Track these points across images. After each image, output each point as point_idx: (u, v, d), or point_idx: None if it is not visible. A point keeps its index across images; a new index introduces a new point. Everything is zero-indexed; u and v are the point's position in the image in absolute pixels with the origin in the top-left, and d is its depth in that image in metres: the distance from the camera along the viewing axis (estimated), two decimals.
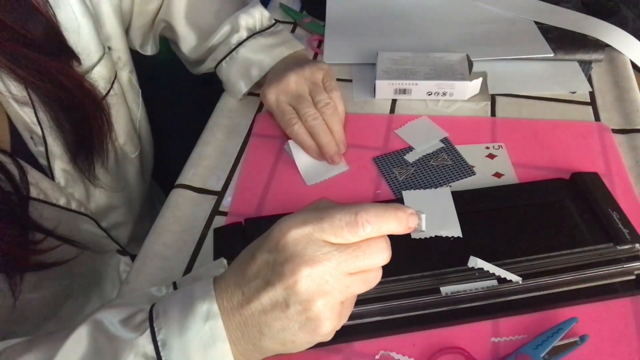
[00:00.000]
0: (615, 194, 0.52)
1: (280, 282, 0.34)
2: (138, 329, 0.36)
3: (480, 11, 0.79)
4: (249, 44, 0.64)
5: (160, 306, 0.37)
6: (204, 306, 0.36)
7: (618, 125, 0.62)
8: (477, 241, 0.49)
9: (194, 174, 0.59)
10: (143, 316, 0.37)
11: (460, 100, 0.65)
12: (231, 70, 0.65)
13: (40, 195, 0.49)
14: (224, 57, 0.65)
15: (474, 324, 0.44)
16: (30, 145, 0.50)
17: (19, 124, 0.49)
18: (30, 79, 0.46)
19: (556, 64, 0.70)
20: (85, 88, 0.51)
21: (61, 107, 0.50)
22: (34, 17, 0.46)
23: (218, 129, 0.64)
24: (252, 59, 0.64)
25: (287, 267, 0.34)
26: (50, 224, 0.48)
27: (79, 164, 0.54)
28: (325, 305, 0.35)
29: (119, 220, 0.64)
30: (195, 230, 0.53)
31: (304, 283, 0.34)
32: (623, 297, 0.45)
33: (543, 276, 0.46)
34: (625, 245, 0.47)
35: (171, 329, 0.35)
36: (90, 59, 0.54)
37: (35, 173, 0.49)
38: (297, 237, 0.34)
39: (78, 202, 0.55)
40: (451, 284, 0.45)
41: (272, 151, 0.60)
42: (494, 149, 0.59)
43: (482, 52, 0.70)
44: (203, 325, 0.35)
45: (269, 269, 0.35)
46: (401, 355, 0.43)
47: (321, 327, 0.35)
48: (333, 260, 0.34)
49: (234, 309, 0.36)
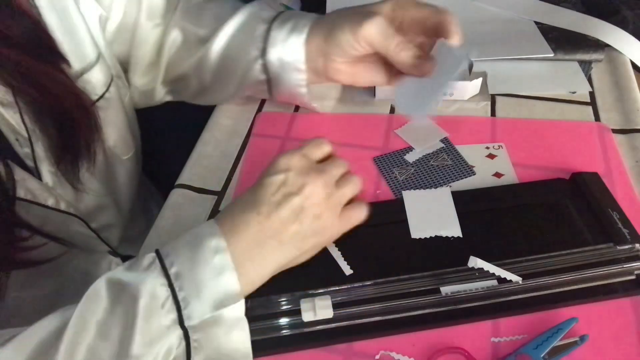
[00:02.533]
0: (615, 194, 0.52)
1: (300, 192, 0.43)
2: (148, 269, 0.40)
3: (480, 11, 0.79)
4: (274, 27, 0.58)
5: (168, 247, 0.42)
6: (212, 242, 0.41)
7: (618, 125, 0.62)
8: (477, 241, 0.49)
9: (194, 174, 0.59)
10: (150, 258, 0.41)
11: (460, 100, 0.65)
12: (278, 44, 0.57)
13: (27, 195, 0.49)
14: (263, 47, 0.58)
15: (474, 324, 0.44)
16: (16, 147, 0.49)
17: (3, 125, 0.48)
18: (13, 82, 0.46)
19: (556, 64, 0.70)
20: (73, 93, 0.50)
21: (46, 112, 0.49)
22: (18, 17, 0.45)
23: (218, 129, 0.64)
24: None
25: (302, 179, 0.43)
26: (37, 222, 0.48)
27: (62, 168, 0.53)
28: (328, 204, 0.44)
29: (109, 221, 0.64)
30: None
31: (317, 191, 0.43)
32: (623, 297, 0.45)
33: (543, 276, 0.46)
34: (625, 245, 0.47)
35: (182, 263, 0.40)
36: (83, 61, 0.53)
37: (22, 173, 0.49)
38: (300, 162, 0.45)
39: (67, 203, 0.54)
40: (451, 284, 0.45)
41: (272, 151, 0.60)
42: (494, 149, 0.59)
43: (482, 52, 0.70)
44: (212, 257, 0.40)
45: (286, 184, 0.43)
46: (401, 355, 0.43)
47: (327, 224, 0.45)
48: (326, 173, 0.45)
49: (248, 233, 0.42)
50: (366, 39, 0.52)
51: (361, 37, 0.52)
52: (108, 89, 0.57)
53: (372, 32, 0.51)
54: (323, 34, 0.55)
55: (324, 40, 0.55)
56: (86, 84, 0.54)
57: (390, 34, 0.52)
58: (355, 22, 0.52)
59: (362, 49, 0.53)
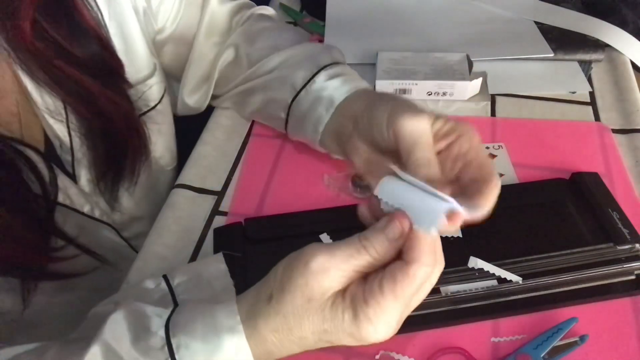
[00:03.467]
0: (615, 194, 0.52)
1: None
2: (155, 357, 0.34)
3: (480, 11, 0.79)
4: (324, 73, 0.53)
5: (181, 337, 0.35)
6: (233, 340, 0.34)
7: (618, 125, 0.62)
8: (477, 241, 0.49)
9: (194, 174, 0.59)
10: (158, 341, 0.35)
11: (460, 100, 0.65)
12: (306, 101, 0.53)
13: (66, 200, 0.49)
14: (302, 87, 0.53)
15: (474, 324, 0.44)
16: (58, 151, 0.50)
17: (50, 132, 0.49)
18: (68, 98, 0.46)
19: (556, 64, 0.70)
20: (127, 116, 0.50)
21: (97, 131, 0.49)
22: (87, 37, 0.46)
23: (218, 129, 0.64)
24: (328, 87, 0.51)
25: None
26: (72, 231, 0.47)
27: (102, 186, 0.53)
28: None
29: (142, 230, 0.63)
30: (195, 230, 0.53)
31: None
32: (623, 297, 0.45)
33: (543, 276, 0.46)
34: (625, 245, 0.47)
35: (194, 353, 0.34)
36: (140, 73, 0.54)
37: (63, 178, 0.49)
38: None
39: (102, 211, 0.54)
40: (451, 284, 0.45)
41: (272, 151, 0.60)
42: (494, 149, 0.59)
43: (482, 52, 0.70)
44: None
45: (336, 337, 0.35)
46: (401, 355, 0.43)
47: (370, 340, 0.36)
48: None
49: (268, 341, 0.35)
50: (400, 134, 0.39)
51: (396, 128, 0.40)
52: (161, 101, 0.58)
53: (408, 131, 0.39)
54: (365, 102, 0.46)
55: (363, 107, 0.45)
56: (141, 95, 0.54)
57: (427, 143, 0.39)
58: (399, 111, 0.40)
59: (388, 140, 0.41)
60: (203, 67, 0.62)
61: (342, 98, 0.50)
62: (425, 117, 0.39)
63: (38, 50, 0.43)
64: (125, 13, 0.52)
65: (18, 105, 0.46)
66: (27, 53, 0.43)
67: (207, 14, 0.61)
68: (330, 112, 0.50)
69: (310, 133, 0.52)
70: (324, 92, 0.51)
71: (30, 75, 0.44)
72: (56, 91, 0.46)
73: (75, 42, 0.45)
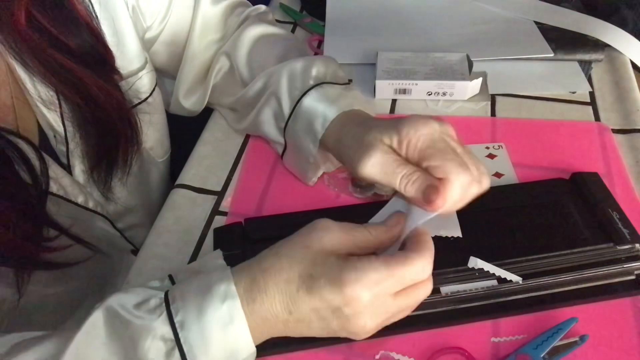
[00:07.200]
0: (615, 194, 0.52)
1: (343, 326, 0.38)
2: (153, 312, 0.37)
3: (480, 11, 0.79)
4: (314, 92, 0.52)
5: (176, 291, 0.38)
6: (221, 287, 0.37)
7: (618, 125, 0.62)
8: (477, 241, 0.49)
9: (194, 174, 0.59)
10: (157, 301, 0.38)
11: (460, 100, 0.65)
12: (298, 129, 0.52)
13: (60, 191, 0.49)
14: (289, 114, 0.53)
15: (474, 324, 0.44)
16: (52, 142, 0.50)
17: (44, 122, 0.49)
18: (61, 87, 0.46)
19: (556, 64, 0.70)
20: (119, 106, 0.51)
21: (90, 119, 0.50)
22: (78, 27, 0.46)
23: (218, 129, 0.64)
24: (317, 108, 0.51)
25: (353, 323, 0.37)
26: (65, 222, 0.48)
27: (95, 175, 0.53)
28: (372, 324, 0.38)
29: (136, 221, 0.64)
30: (195, 230, 0.53)
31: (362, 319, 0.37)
32: (623, 297, 0.45)
33: (543, 276, 0.46)
34: (625, 245, 0.47)
35: (189, 310, 0.36)
36: (131, 65, 0.54)
37: (56, 168, 0.49)
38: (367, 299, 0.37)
39: (95, 202, 0.55)
40: (451, 284, 0.45)
41: (272, 151, 0.60)
42: (494, 149, 0.59)
43: (482, 52, 0.70)
44: (221, 305, 0.36)
45: (330, 317, 0.37)
46: (401, 355, 0.43)
47: (360, 335, 0.39)
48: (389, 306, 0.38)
49: (268, 314, 0.38)
50: (367, 178, 0.43)
51: (362, 176, 0.43)
52: (152, 94, 0.58)
53: (372, 172, 0.42)
54: (336, 139, 0.49)
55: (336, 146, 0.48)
56: (132, 86, 0.54)
57: (390, 172, 0.42)
58: (357, 157, 0.43)
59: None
60: (197, 67, 0.63)
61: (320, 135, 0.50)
62: (378, 153, 0.42)
63: (32, 39, 0.43)
64: (117, 7, 0.52)
65: (12, 97, 0.47)
66: (21, 43, 0.43)
67: (199, 15, 0.61)
68: (317, 142, 0.51)
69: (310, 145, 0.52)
70: (314, 107, 0.51)
71: (24, 64, 0.45)
72: (49, 80, 0.46)
73: (68, 32, 0.45)
